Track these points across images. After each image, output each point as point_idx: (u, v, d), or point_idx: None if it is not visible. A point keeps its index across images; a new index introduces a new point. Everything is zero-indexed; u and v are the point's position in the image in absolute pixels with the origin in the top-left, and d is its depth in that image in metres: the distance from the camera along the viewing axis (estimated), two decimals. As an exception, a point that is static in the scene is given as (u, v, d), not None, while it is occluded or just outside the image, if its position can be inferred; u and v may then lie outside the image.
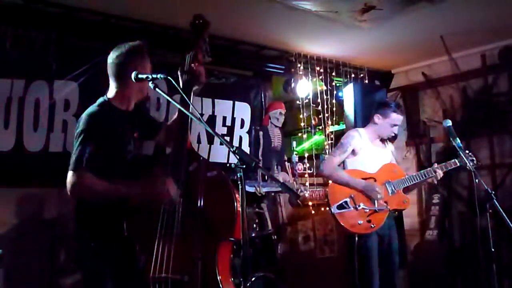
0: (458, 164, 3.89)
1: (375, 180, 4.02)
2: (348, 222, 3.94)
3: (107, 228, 2.54)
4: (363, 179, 4.00)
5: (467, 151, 3.64)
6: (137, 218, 2.55)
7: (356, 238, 4.00)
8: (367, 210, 3.93)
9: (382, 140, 4.23)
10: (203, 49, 2.83)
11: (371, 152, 4.12)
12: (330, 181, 4.15)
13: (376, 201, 3.92)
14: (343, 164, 4.13)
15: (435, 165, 3.99)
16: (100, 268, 2.53)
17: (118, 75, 2.66)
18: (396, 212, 4.14)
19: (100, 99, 2.68)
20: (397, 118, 4.07)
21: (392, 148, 4.33)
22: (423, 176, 3.97)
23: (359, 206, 3.94)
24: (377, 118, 4.11)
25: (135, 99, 2.76)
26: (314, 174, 5.77)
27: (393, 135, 4.21)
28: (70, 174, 2.47)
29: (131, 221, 2.55)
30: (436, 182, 4.04)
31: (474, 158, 3.71)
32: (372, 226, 3.92)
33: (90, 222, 2.57)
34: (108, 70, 2.69)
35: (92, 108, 2.64)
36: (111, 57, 2.67)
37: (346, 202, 3.96)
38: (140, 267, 2.50)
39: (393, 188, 4.00)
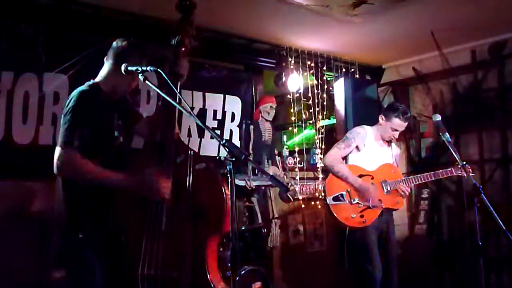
0: (454, 174, 3.96)
1: (372, 178, 4.11)
2: (341, 214, 4.06)
3: (95, 219, 2.50)
4: (361, 175, 4.10)
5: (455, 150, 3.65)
6: (123, 210, 2.51)
7: (347, 232, 4.09)
8: (361, 206, 4.04)
9: (388, 141, 4.28)
10: (190, 33, 2.70)
11: (374, 151, 4.20)
12: (330, 174, 4.21)
13: (370, 199, 4.01)
14: (344, 158, 4.20)
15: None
16: (88, 260, 2.49)
17: (116, 60, 2.63)
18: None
19: (88, 82, 2.66)
20: (398, 123, 4.11)
21: (396, 152, 4.38)
22: (418, 181, 4.09)
23: (354, 200, 4.05)
24: (381, 118, 4.19)
25: (120, 91, 2.72)
26: (305, 168, 5.78)
27: (393, 138, 4.26)
28: (58, 150, 2.40)
29: (116, 213, 2.51)
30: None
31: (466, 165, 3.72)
32: (364, 221, 4.02)
33: (79, 213, 2.52)
34: (109, 52, 2.68)
35: (82, 87, 2.61)
36: (118, 42, 2.67)
37: (342, 195, 4.08)
38: (127, 260, 2.47)
39: (389, 188, 4.10)
